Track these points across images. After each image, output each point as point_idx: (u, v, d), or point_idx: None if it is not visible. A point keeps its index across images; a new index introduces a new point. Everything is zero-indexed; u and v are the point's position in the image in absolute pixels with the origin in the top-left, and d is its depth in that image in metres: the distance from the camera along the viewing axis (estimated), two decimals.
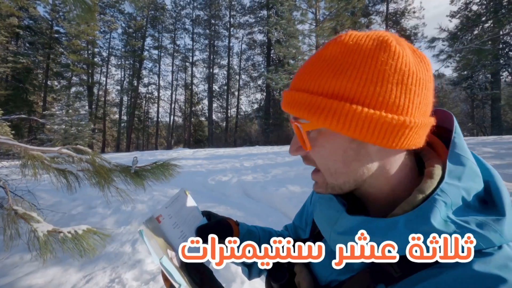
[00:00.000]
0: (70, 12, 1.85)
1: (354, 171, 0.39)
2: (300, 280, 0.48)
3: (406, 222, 0.34)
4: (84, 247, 1.29)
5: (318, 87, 0.37)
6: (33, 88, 21.30)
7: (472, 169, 0.37)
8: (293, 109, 0.39)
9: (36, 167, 1.59)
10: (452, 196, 0.34)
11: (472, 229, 0.32)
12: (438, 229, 0.32)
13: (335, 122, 0.35)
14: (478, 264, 0.31)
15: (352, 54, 0.36)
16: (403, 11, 22.36)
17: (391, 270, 0.36)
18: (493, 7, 8.71)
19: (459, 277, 0.31)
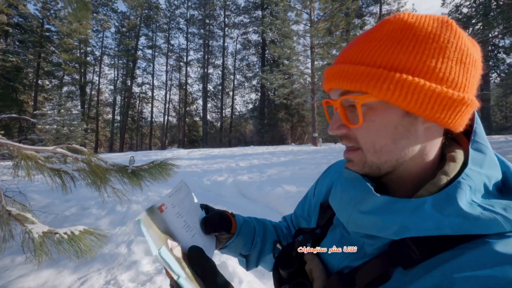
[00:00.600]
0: (64, 9, 1.82)
1: (400, 149, 0.39)
2: (312, 267, 0.47)
3: (434, 203, 0.35)
4: (80, 248, 1.27)
5: (376, 60, 0.36)
6: (23, 87, 20.84)
7: (491, 158, 0.38)
8: (348, 81, 0.38)
9: (29, 167, 1.56)
10: (476, 181, 0.35)
11: (498, 212, 0.33)
12: (465, 210, 0.33)
13: (397, 94, 0.35)
14: (499, 245, 0.31)
15: (414, 30, 0.36)
16: (396, 12, 22.68)
17: (411, 252, 0.35)
18: (482, 10, 8.90)
19: (480, 257, 0.31)
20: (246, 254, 0.68)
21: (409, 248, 0.36)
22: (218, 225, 0.61)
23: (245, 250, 0.67)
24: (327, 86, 0.43)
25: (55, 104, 17.36)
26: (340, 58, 0.41)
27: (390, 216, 0.36)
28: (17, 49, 20.69)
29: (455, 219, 0.33)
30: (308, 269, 0.48)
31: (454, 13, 14.36)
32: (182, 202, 0.55)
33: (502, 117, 23.28)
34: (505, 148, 6.34)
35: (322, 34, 12.81)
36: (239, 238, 0.65)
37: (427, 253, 0.35)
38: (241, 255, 0.69)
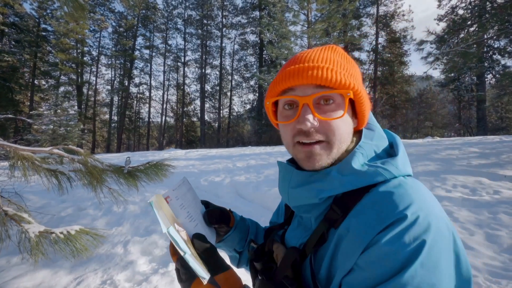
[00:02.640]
0: (60, 9, 1.82)
1: (347, 142, 0.51)
2: (277, 253, 0.56)
3: (337, 169, 0.49)
4: (76, 247, 1.28)
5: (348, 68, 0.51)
6: (19, 87, 20.65)
7: (379, 133, 0.55)
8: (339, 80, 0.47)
9: (26, 168, 1.57)
10: (366, 149, 0.50)
11: (378, 165, 0.47)
12: (356, 169, 0.47)
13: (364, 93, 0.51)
14: (382, 187, 0.45)
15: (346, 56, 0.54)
16: (392, 14, 22.79)
17: (336, 215, 0.48)
18: (477, 12, 8.98)
19: (371, 197, 0.45)
20: (240, 250, 0.74)
21: (333, 211, 0.48)
22: (219, 217, 0.67)
23: (239, 246, 0.73)
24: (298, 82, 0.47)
25: (52, 104, 17.23)
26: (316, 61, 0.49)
27: (310, 185, 0.50)
28: (13, 49, 20.51)
29: (351, 176, 0.47)
30: (275, 256, 0.57)
31: (450, 14, 14.47)
32: (185, 196, 0.60)
33: (497, 117, 23.50)
34: (499, 148, 6.41)
35: (320, 35, 12.86)
36: (235, 233, 0.70)
37: (346, 210, 0.47)
38: (235, 251, 0.74)
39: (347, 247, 0.43)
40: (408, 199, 0.41)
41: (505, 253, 2.37)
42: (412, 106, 23.72)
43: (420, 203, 0.41)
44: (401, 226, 0.39)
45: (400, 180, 0.46)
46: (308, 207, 0.51)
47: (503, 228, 2.72)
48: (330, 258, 0.46)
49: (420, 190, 0.44)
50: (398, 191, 0.43)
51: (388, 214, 0.41)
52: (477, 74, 17.39)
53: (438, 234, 0.39)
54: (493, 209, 3.13)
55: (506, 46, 9.38)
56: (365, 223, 0.42)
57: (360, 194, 0.46)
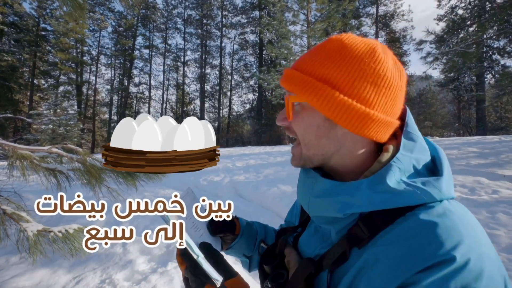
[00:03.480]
0: (59, 8, 1.82)
1: (323, 146, 0.47)
2: (289, 259, 0.53)
3: (368, 184, 0.42)
4: (75, 246, 1.28)
5: (311, 69, 0.45)
6: (19, 86, 20.63)
7: (421, 145, 0.46)
8: (286, 83, 0.47)
9: (24, 167, 1.57)
10: (405, 163, 0.43)
11: (418, 186, 0.40)
12: (392, 187, 0.40)
13: (315, 99, 0.43)
14: (422, 215, 0.39)
15: (345, 50, 0.44)
16: (392, 14, 22.81)
17: (362, 233, 0.42)
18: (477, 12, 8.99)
19: (409, 225, 0.39)
20: (249, 255, 0.73)
21: (359, 229, 0.42)
22: (223, 226, 0.67)
23: (248, 251, 0.72)
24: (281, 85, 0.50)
25: (51, 104, 17.22)
26: (294, 64, 0.50)
27: (335, 197, 0.44)
28: (12, 48, 20.47)
29: (385, 194, 0.40)
30: (287, 261, 0.53)
31: (450, 14, 14.48)
32: (189, 206, 0.60)
33: (497, 117, 23.52)
34: (498, 148, 6.42)
35: (319, 35, 12.86)
36: (242, 240, 0.70)
37: (374, 231, 0.41)
38: (245, 256, 0.74)
39: (375, 278, 0.38)
40: (457, 236, 0.35)
41: (503, 253, 2.37)
42: (411, 106, 23.74)
43: (470, 242, 0.35)
44: (448, 270, 0.34)
45: (445, 207, 0.39)
46: (330, 219, 0.47)
47: (501, 228, 2.72)
48: (351, 280, 0.42)
49: (469, 223, 0.38)
50: (444, 223, 0.37)
51: (432, 252, 0.35)
52: (476, 74, 17.40)
53: (491, 282, 0.34)
54: (492, 209, 3.13)
55: (505, 46, 9.38)
56: (401, 257, 0.37)
57: (393, 216, 0.41)
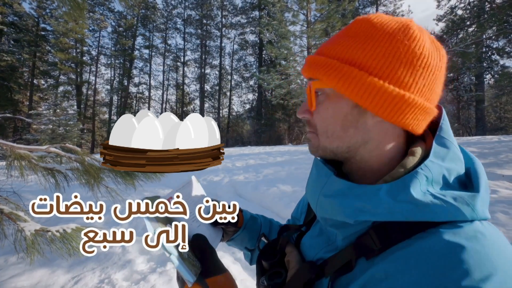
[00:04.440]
0: (59, 8, 1.82)
1: (350, 137, 0.42)
2: (290, 258, 0.50)
3: (388, 190, 0.36)
4: (73, 246, 1.28)
5: (335, 52, 0.41)
6: (19, 86, 20.61)
7: (455, 153, 0.40)
8: (309, 69, 0.43)
9: (23, 166, 1.57)
10: (434, 172, 0.37)
11: (447, 200, 0.34)
12: (416, 198, 0.35)
13: (341, 83, 0.38)
14: (448, 234, 0.33)
15: (373, 30, 0.39)
16: (392, 14, 22.82)
17: (372, 244, 0.37)
18: (476, 12, 9.00)
19: (430, 244, 0.33)
20: (252, 248, 0.71)
21: (371, 239, 0.38)
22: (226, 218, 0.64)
23: (250, 245, 0.70)
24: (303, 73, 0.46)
25: (51, 104, 17.19)
26: (317, 50, 0.45)
27: (348, 200, 0.39)
28: (12, 48, 20.46)
29: (406, 205, 0.35)
30: (287, 260, 0.50)
31: (449, 14, 14.50)
32: (189, 196, 0.57)
33: (496, 117, 23.54)
34: (497, 148, 6.42)
35: (319, 35, 12.86)
36: (244, 233, 0.68)
37: (387, 243, 0.36)
38: (247, 249, 0.72)
39: None
40: (488, 265, 0.29)
41: None
42: None
43: (504, 275, 0.29)
44: None
45: (477, 229, 0.33)
46: (338, 223, 0.42)
47: (500, 227, 2.73)
48: None
49: (505, 252, 0.32)
50: (474, 248, 0.31)
51: (456, 280, 0.29)
52: (476, 74, 17.42)
53: None
54: (491, 208, 3.13)
55: (504, 46, 9.40)
56: (416, 279, 0.31)
57: (412, 230, 0.35)
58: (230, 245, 0.71)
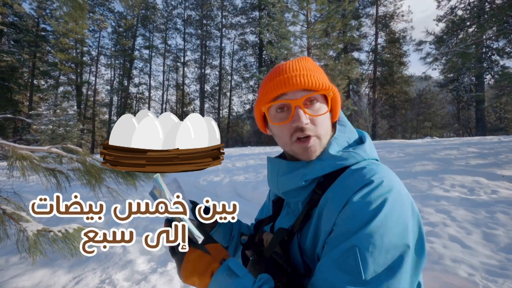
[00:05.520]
0: (59, 8, 1.83)
1: (330, 134, 0.62)
2: (267, 239, 0.64)
3: (318, 157, 0.59)
4: (74, 246, 1.29)
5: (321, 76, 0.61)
6: (19, 87, 20.61)
7: (350, 128, 0.66)
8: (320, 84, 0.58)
9: (24, 167, 1.57)
10: (340, 140, 0.61)
11: (349, 151, 0.59)
12: (333, 154, 0.58)
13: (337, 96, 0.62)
14: (353, 166, 0.56)
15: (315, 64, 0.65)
16: (392, 15, 22.83)
17: (317, 195, 0.57)
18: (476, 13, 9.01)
19: (345, 174, 0.55)
20: (225, 246, 0.78)
21: (316, 193, 0.58)
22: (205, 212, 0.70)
23: (224, 242, 0.78)
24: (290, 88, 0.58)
25: (51, 104, 17.21)
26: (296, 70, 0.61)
27: (296, 171, 0.60)
28: (12, 49, 20.46)
29: (330, 160, 0.58)
30: (265, 242, 0.64)
31: (449, 15, 14.51)
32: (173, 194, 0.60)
33: (496, 118, 23.53)
34: (497, 148, 6.43)
35: (319, 35, 12.88)
36: (220, 229, 0.76)
37: (325, 189, 0.56)
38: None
39: (328, 214, 0.52)
40: (375, 171, 0.53)
41: (502, 252, 2.38)
42: (411, 106, 23.75)
43: (383, 173, 0.53)
44: (369, 188, 0.50)
45: (369, 162, 0.57)
46: (296, 191, 0.60)
47: (500, 227, 2.73)
48: (314, 229, 0.55)
49: (384, 168, 0.55)
50: (367, 167, 0.54)
51: (359, 181, 0.51)
52: (476, 75, 17.44)
53: (399, 195, 0.50)
54: (491, 209, 3.14)
55: (504, 47, 9.40)
56: (341, 191, 0.52)
57: (336, 175, 0.56)
58: None
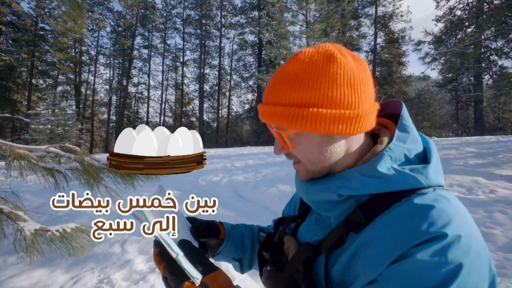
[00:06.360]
0: (57, 8, 1.82)
1: (328, 157, 0.49)
2: (288, 245, 0.56)
3: (360, 170, 0.47)
4: (72, 246, 1.28)
5: (289, 99, 0.45)
6: (17, 86, 20.54)
7: (414, 136, 0.50)
8: (273, 120, 0.47)
9: (22, 166, 1.56)
10: (396, 152, 0.47)
11: (405, 172, 0.44)
12: (382, 172, 0.45)
13: (308, 125, 0.44)
14: (417, 199, 0.43)
15: (310, 69, 0.44)
16: (391, 15, 22.87)
17: (358, 218, 0.46)
18: (475, 13, 9.04)
19: (404, 209, 0.43)
20: (239, 258, 0.73)
21: (357, 215, 0.46)
22: (207, 231, 0.68)
23: (237, 254, 0.72)
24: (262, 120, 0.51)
25: (49, 103, 17.13)
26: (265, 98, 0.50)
27: (330, 182, 0.49)
28: (10, 48, 20.38)
29: (375, 180, 0.45)
30: (286, 248, 0.56)
31: (448, 15, 14.55)
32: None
33: (494, 118, 23.61)
34: (496, 148, 6.45)
35: (318, 35, 12.89)
36: (229, 243, 0.70)
37: (371, 216, 0.45)
38: (234, 259, 0.73)
39: (372, 256, 0.42)
40: (448, 216, 0.40)
41: (499, 251, 2.39)
42: (410, 106, 23.76)
43: (460, 222, 0.39)
44: (440, 244, 0.37)
45: (437, 195, 0.43)
46: (328, 205, 0.51)
47: (498, 227, 2.74)
48: (347, 262, 0.45)
49: (459, 208, 0.43)
50: (437, 206, 0.41)
51: (426, 229, 0.39)
52: (474, 75, 17.48)
53: (477, 258, 0.38)
54: (489, 208, 3.15)
55: (503, 47, 9.43)
56: (397, 235, 0.40)
57: (389, 203, 0.44)
58: (218, 259, 0.72)
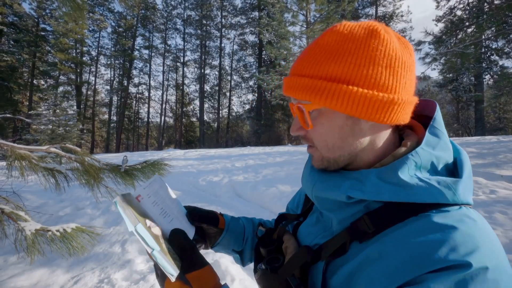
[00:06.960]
0: (59, 9, 1.83)
1: (349, 145, 0.43)
2: (287, 245, 0.52)
3: (377, 173, 0.40)
4: (73, 245, 1.29)
5: (318, 72, 0.41)
6: (18, 87, 20.57)
7: (445, 143, 0.43)
8: (296, 93, 0.43)
9: (23, 167, 1.58)
10: (423, 159, 0.40)
11: (432, 183, 0.37)
12: (403, 180, 0.38)
13: (334, 102, 0.39)
14: (437, 217, 0.36)
15: (347, 42, 0.40)
16: (391, 15, 22.86)
17: (366, 227, 0.40)
18: (475, 13, 9.03)
19: (421, 226, 0.36)
20: (239, 250, 0.71)
21: (364, 223, 0.40)
22: (205, 216, 0.65)
23: (237, 246, 0.70)
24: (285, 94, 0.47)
25: (51, 104, 17.21)
26: (292, 69, 0.46)
27: (341, 179, 0.43)
28: (11, 49, 20.43)
29: (393, 186, 0.38)
30: (284, 247, 0.53)
31: (448, 15, 14.53)
32: (157, 193, 0.60)
33: (495, 118, 23.56)
34: (496, 148, 6.44)
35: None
36: (229, 234, 0.68)
37: (380, 227, 0.39)
38: (234, 251, 0.71)
39: (377, 275, 0.36)
40: (474, 242, 0.33)
41: None
42: None
43: (488, 251, 0.33)
44: (461, 275, 0.31)
45: (463, 214, 0.36)
46: (333, 205, 0.45)
47: (498, 227, 2.74)
48: (348, 275, 0.40)
49: (487, 232, 0.36)
50: (461, 228, 0.34)
51: (447, 255, 0.32)
52: (475, 75, 17.45)
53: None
54: (489, 208, 3.15)
55: (503, 47, 9.42)
56: (410, 255, 0.34)
57: (403, 215, 0.38)
58: (217, 250, 0.70)
